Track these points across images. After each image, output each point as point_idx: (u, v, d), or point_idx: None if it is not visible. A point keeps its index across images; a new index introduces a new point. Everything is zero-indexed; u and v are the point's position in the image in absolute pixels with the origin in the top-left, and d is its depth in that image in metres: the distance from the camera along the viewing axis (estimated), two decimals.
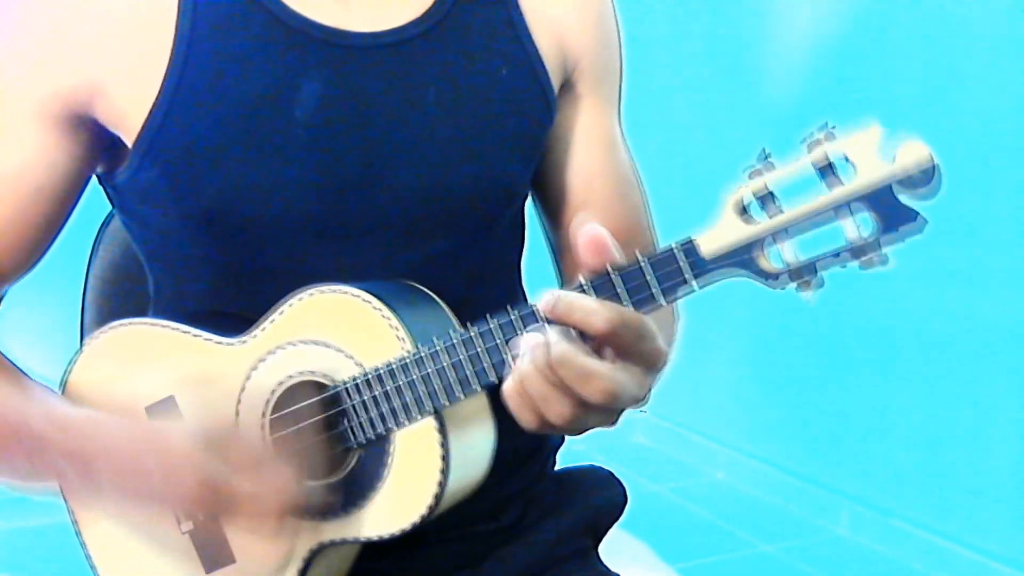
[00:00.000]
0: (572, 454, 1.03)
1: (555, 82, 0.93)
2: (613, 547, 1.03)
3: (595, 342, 0.70)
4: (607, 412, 0.72)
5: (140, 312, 0.95)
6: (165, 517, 0.86)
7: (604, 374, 0.69)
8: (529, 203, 0.99)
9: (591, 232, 0.71)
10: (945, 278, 2.43)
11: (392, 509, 0.80)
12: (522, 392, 0.71)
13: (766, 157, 0.69)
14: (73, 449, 0.80)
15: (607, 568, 1.01)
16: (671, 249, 0.70)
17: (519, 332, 0.74)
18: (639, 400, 0.73)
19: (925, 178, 0.65)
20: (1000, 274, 2.33)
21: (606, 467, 1.05)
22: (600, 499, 1.03)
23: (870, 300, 2.61)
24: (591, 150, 0.97)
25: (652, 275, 0.71)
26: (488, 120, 0.89)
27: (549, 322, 0.71)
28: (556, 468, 1.04)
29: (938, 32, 2.42)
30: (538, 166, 0.96)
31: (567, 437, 1.06)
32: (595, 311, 0.69)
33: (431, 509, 0.79)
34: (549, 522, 0.98)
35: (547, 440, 1.03)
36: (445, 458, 0.78)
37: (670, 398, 3.26)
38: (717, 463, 3.14)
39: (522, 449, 0.99)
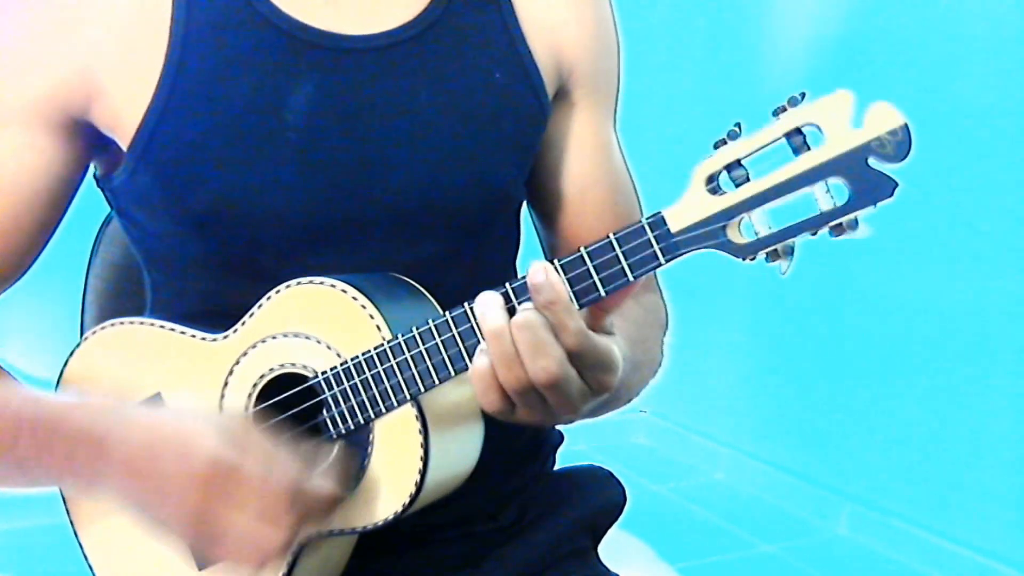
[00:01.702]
0: (572, 454, 1.03)
1: (549, 87, 0.93)
2: (613, 547, 1.03)
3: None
4: (543, 406, 0.72)
5: (139, 312, 0.95)
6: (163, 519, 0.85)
7: (556, 356, 0.69)
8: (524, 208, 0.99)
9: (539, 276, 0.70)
10: (945, 278, 2.43)
11: (374, 499, 0.80)
12: (484, 363, 0.71)
13: (737, 129, 0.68)
14: (86, 427, 0.78)
15: (607, 568, 1.01)
16: (640, 224, 0.70)
17: None
18: (572, 411, 0.73)
19: (895, 142, 0.64)
20: (1000, 274, 2.32)
21: (606, 467, 1.05)
22: (600, 499, 1.03)
23: (870, 300, 2.61)
24: (585, 157, 0.97)
25: (620, 250, 0.71)
26: (481, 123, 0.89)
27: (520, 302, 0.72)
28: (555, 468, 1.04)
29: (939, 27, 2.42)
30: (532, 172, 0.96)
31: (566, 437, 1.06)
32: (564, 328, 0.69)
33: (412, 498, 0.79)
34: (548, 522, 0.98)
35: (546, 439, 1.03)
36: (425, 447, 0.78)
37: (670, 398, 3.27)
38: (717, 463, 3.14)
39: (521, 449, 0.99)
